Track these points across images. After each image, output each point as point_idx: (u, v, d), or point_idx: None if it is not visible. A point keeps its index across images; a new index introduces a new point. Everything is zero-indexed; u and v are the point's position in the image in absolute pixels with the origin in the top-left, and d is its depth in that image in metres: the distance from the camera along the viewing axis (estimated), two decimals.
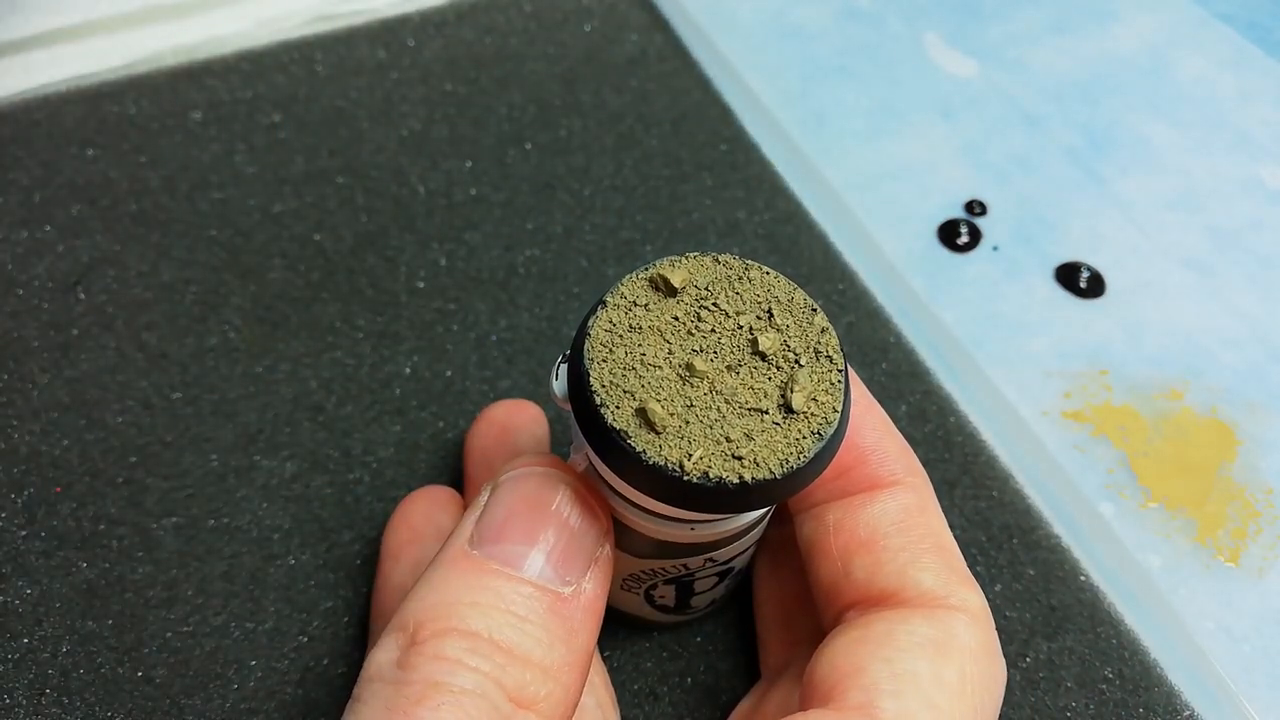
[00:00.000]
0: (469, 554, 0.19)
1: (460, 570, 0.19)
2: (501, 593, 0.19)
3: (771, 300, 0.20)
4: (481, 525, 0.20)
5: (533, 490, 0.20)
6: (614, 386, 0.19)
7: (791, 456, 0.19)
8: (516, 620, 0.18)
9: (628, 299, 0.20)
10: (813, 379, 0.19)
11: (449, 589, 0.19)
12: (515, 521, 0.20)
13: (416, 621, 0.18)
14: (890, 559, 0.22)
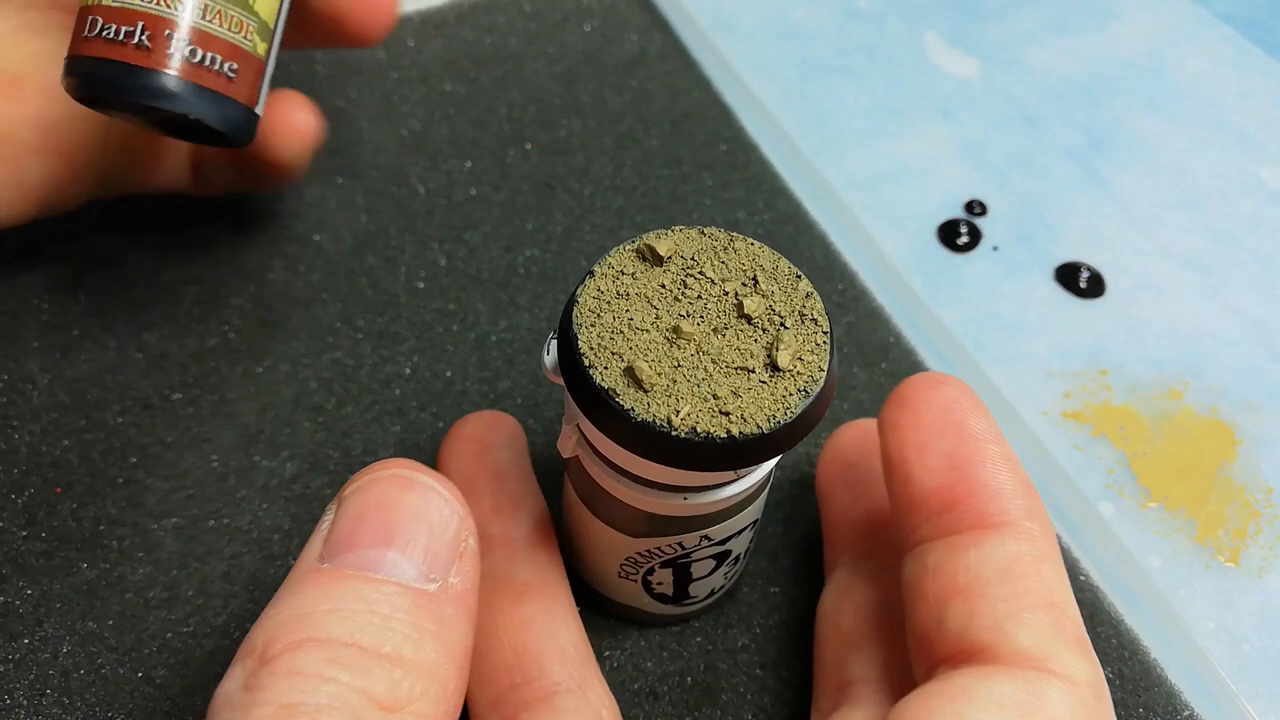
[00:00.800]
0: (319, 568, 0.18)
1: (312, 584, 0.18)
2: (362, 595, 0.17)
3: (756, 268, 0.21)
4: (330, 539, 0.19)
5: (382, 493, 0.19)
6: (602, 349, 0.19)
7: (778, 412, 0.19)
8: (381, 620, 0.17)
9: (615, 268, 0.21)
10: (798, 339, 0.20)
11: (301, 603, 0.17)
12: (367, 526, 0.19)
13: (265, 641, 0.17)
14: (989, 609, 0.19)
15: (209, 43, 0.24)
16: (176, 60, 0.23)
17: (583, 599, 0.28)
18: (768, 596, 0.29)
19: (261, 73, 0.25)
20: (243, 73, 0.25)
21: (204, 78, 0.24)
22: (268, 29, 0.25)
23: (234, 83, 0.24)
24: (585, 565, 0.27)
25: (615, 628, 0.28)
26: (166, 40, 0.23)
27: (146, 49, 0.23)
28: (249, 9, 0.24)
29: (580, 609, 0.28)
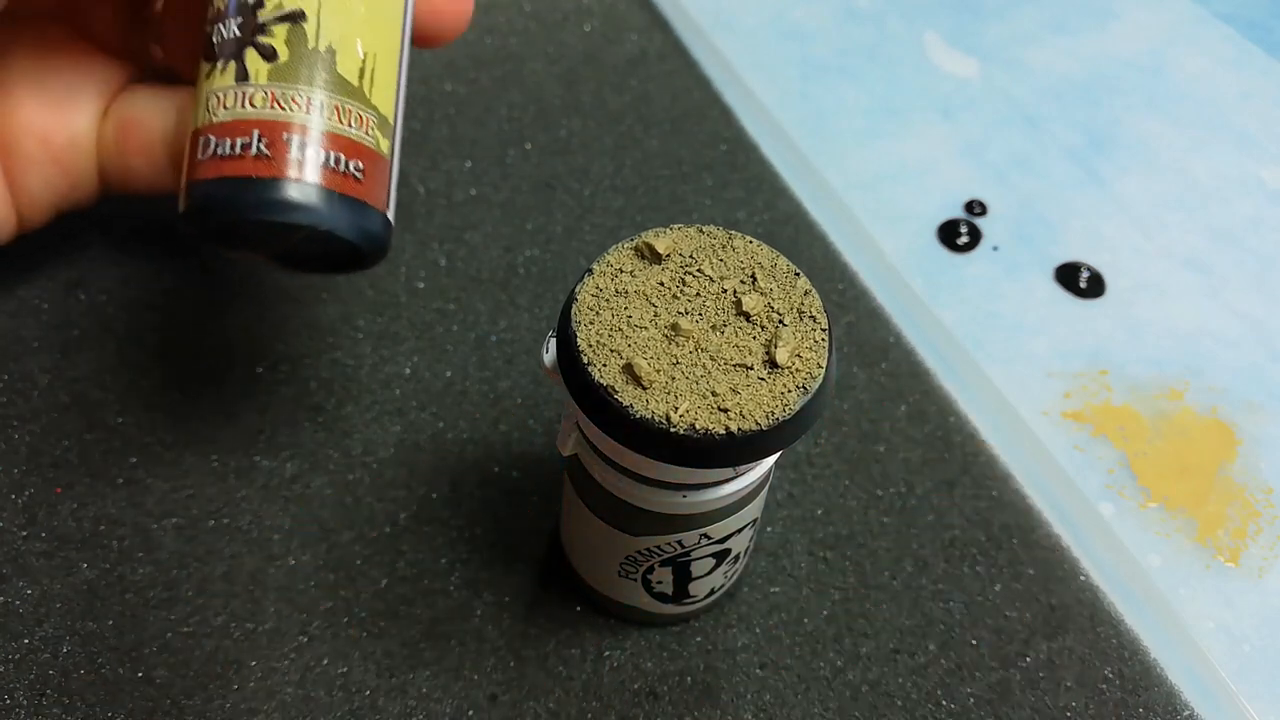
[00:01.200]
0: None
1: None
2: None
3: (755, 266, 0.21)
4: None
5: None
6: (600, 346, 0.20)
7: (777, 409, 0.19)
8: None
9: (614, 266, 0.21)
10: (796, 336, 0.20)
11: None
12: None
13: None
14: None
15: (330, 141, 0.21)
16: (301, 165, 0.21)
17: (583, 598, 0.29)
18: (768, 596, 0.29)
19: (389, 173, 0.23)
20: (370, 172, 0.22)
21: (332, 180, 0.21)
22: (388, 124, 0.22)
23: (363, 184, 0.22)
24: (585, 564, 0.27)
25: (615, 627, 0.28)
26: (286, 144, 0.21)
27: (266, 157, 0.21)
28: (367, 103, 0.22)
29: (580, 608, 0.28)
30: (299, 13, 0.21)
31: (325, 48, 0.21)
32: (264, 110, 0.21)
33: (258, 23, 0.21)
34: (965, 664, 0.28)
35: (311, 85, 0.21)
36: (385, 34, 0.23)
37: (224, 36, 0.22)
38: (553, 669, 0.27)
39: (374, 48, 0.22)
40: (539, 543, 0.29)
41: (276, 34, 0.21)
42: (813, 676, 0.28)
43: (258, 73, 0.21)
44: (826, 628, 0.29)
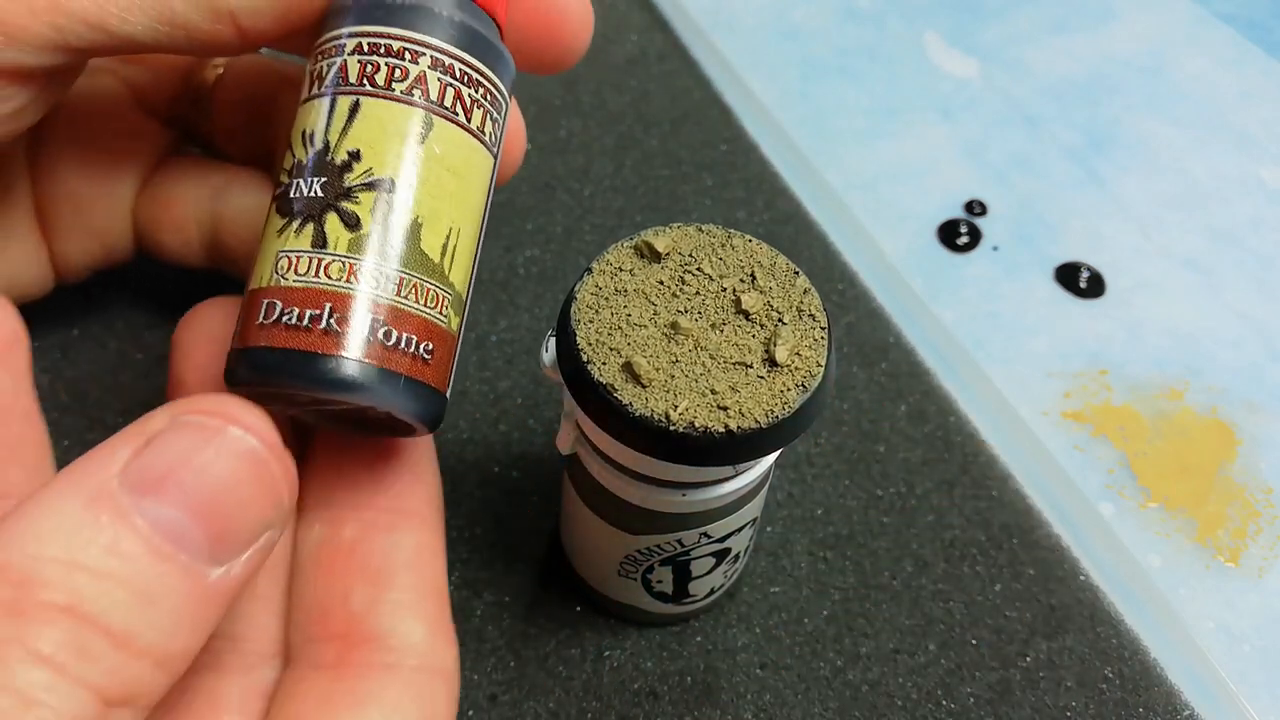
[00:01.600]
0: (116, 497, 0.16)
1: (96, 517, 0.16)
2: (140, 568, 0.16)
3: (754, 265, 0.21)
4: (145, 462, 0.16)
5: (216, 448, 0.17)
6: (600, 344, 0.20)
7: (777, 407, 0.19)
8: (146, 604, 0.16)
9: (613, 265, 0.21)
10: (796, 334, 0.20)
11: (78, 541, 0.15)
12: (184, 481, 0.16)
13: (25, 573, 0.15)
14: (394, 599, 0.21)
15: (403, 321, 0.20)
16: (369, 345, 0.19)
17: (583, 598, 0.28)
18: (768, 596, 0.29)
19: (455, 351, 0.21)
20: (438, 353, 0.20)
21: (399, 363, 0.20)
22: (461, 301, 0.21)
23: (429, 365, 0.20)
24: (585, 564, 0.27)
25: (615, 627, 0.28)
26: (358, 323, 0.19)
27: (335, 333, 0.19)
28: (445, 280, 0.20)
29: (580, 608, 0.28)
30: (389, 181, 0.20)
31: (411, 221, 0.20)
32: (339, 283, 0.19)
33: (343, 187, 0.20)
34: (965, 664, 0.28)
35: (393, 260, 0.20)
36: (471, 207, 0.21)
37: (303, 193, 0.20)
38: (553, 669, 0.27)
39: (459, 222, 0.21)
40: (539, 543, 0.29)
41: (362, 202, 0.20)
42: (813, 676, 0.28)
43: (337, 241, 0.20)
44: (826, 627, 0.29)
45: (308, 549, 0.22)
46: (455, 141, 0.21)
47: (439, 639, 0.22)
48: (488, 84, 0.22)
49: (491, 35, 0.22)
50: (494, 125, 0.22)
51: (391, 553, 0.22)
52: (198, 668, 0.21)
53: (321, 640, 0.21)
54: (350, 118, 0.20)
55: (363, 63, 0.20)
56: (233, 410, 0.17)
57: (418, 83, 0.21)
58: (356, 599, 0.21)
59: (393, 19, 0.21)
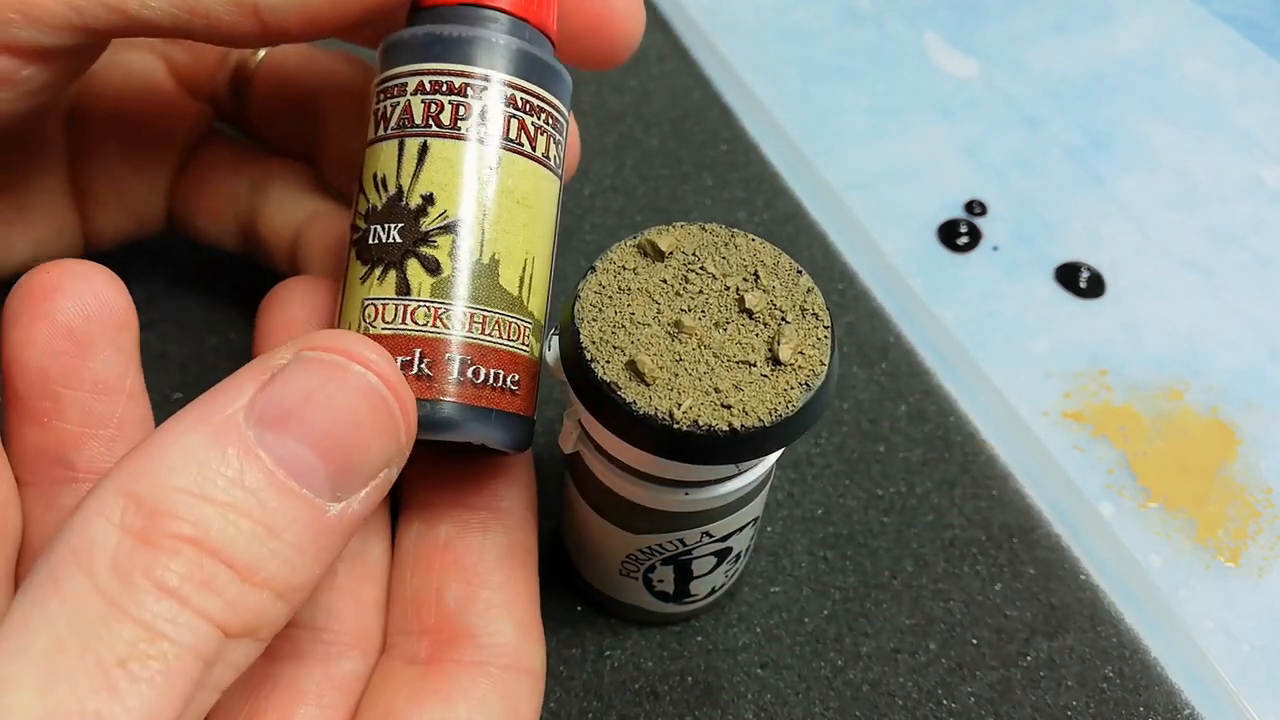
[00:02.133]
0: (242, 431, 0.16)
1: (222, 451, 0.16)
2: (264, 500, 0.16)
3: (758, 264, 0.21)
4: (270, 395, 0.17)
5: (349, 399, 0.17)
6: (604, 343, 0.20)
7: (780, 406, 0.19)
8: (269, 536, 0.16)
9: (617, 264, 0.21)
10: (799, 333, 0.20)
11: (205, 474, 0.16)
12: (307, 416, 0.17)
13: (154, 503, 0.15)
14: (485, 597, 0.22)
15: (489, 358, 0.20)
16: (460, 385, 0.20)
17: (584, 598, 0.28)
18: (768, 596, 0.29)
19: (538, 374, 0.22)
20: (523, 382, 0.21)
21: (489, 398, 0.20)
22: (540, 326, 0.22)
23: (517, 396, 0.21)
24: (586, 563, 0.27)
25: (616, 627, 0.28)
26: (448, 365, 0.20)
27: (427, 377, 0.20)
28: (525, 310, 0.21)
29: (581, 607, 0.28)
30: (465, 222, 0.20)
31: (489, 259, 0.20)
32: (425, 328, 0.20)
33: (421, 232, 0.20)
34: (966, 663, 0.28)
35: (475, 300, 0.20)
36: (543, 235, 0.22)
37: (381, 240, 0.20)
38: (553, 668, 0.27)
39: (533, 251, 0.21)
40: (540, 542, 0.29)
41: (441, 245, 0.20)
42: (813, 676, 0.28)
43: (420, 287, 0.20)
44: (827, 627, 0.29)
45: (405, 546, 0.23)
46: (523, 173, 0.21)
47: (528, 639, 0.22)
48: (549, 108, 0.22)
49: (548, 55, 0.22)
50: (557, 148, 0.22)
51: (485, 551, 0.22)
52: (279, 655, 0.22)
53: (415, 633, 0.22)
54: (420, 160, 0.21)
55: (426, 102, 0.21)
56: (354, 347, 0.17)
57: (482, 119, 0.21)
58: (450, 595, 0.22)
59: (451, 54, 0.21)
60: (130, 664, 0.15)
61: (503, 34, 0.21)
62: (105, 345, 0.20)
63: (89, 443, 0.21)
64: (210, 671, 0.16)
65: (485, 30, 0.21)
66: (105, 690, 0.14)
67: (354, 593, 0.23)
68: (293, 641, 0.22)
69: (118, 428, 0.21)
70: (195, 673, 0.15)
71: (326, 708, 0.21)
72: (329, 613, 0.22)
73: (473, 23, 0.21)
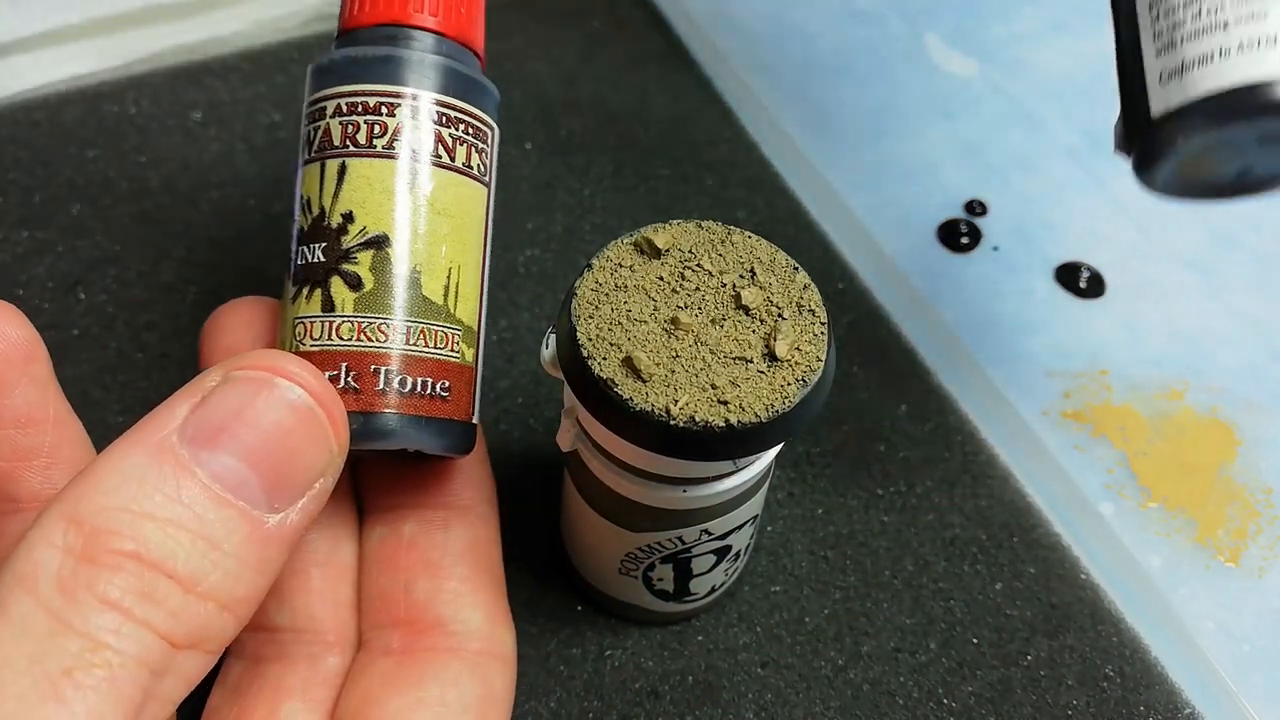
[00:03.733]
0: (176, 450, 0.17)
1: (160, 470, 0.17)
2: (201, 513, 0.17)
3: (754, 261, 0.21)
4: (201, 416, 0.17)
5: (278, 412, 0.18)
6: (600, 340, 0.20)
7: (777, 401, 0.19)
8: (208, 548, 0.17)
9: (613, 261, 0.21)
10: (796, 329, 0.20)
11: (143, 492, 0.16)
12: (238, 432, 0.17)
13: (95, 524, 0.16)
14: (452, 588, 0.23)
15: (416, 367, 0.21)
16: (387, 395, 0.21)
17: (584, 597, 0.28)
18: (769, 596, 0.29)
19: (474, 380, 0.22)
20: (455, 388, 0.22)
21: (419, 406, 0.21)
22: (472, 333, 0.22)
23: (449, 402, 0.21)
24: (586, 562, 0.27)
25: (616, 626, 0.28)
26: (374, 376, 0.20)
27: (355, 390, 0.20)
28: (452, 319, 0.22)
29: (581, 607, 0.28)
30: (383, 237, 0.21)
31: (411, 271, 0.21)
32: (351, 342, 0.21)
33: (342, 249, 0.21)
34: (966, 662, 0.28)
35: (398, 313, 0.21)
36: (469, 243, 0.22)
37: (308, 260, 0.21)
38: (554, 668, 0.27)
39: (458, 260, 0.22)
40: (539, 542, 0.29)
41: (361, 261, 0.21)
42: (814, 675, 0.28)
43: (343, 302, 0.21)
44: (827, 626, 0.29)
45: (371, 547, 0.24)
46: (443, 184, 0.22)
47: (497, 624, 0.23)
48: (469, 119, 0.22)
49: (470, 68, 0.23)
50: (481, 157, 0.23)
51: (448, 546, 0.23)
52: (266, 658, 0.23)
53: (387, 627, 0.23)
54: (339, 181, 0.21)
55: (344, 124, 0.21)
56: (280, 363, 0.18)
57: (397, 135, 0.21)
58: (418, 589, 0.23)
59: (368, 75, 0.21)
60: (75, 673, 0.15)
61: (419, 51, 0.22)
62: (17, 380, 0.20)
63: (24, 475, 0.21)
64: (159, 682, 0.16)
65: (401, 49, 0.22)
66: (53, 700, 0.15)
67: (330, 595, 0.23)
68: (277, 645, 0.23)
69: (50, 456, 0.21)
70: (142, 680, 0.16)
71: (310, 700, 0.22)
72: (308, 615, 0.23)
73: (390, 42, 0.22)
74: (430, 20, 0.22)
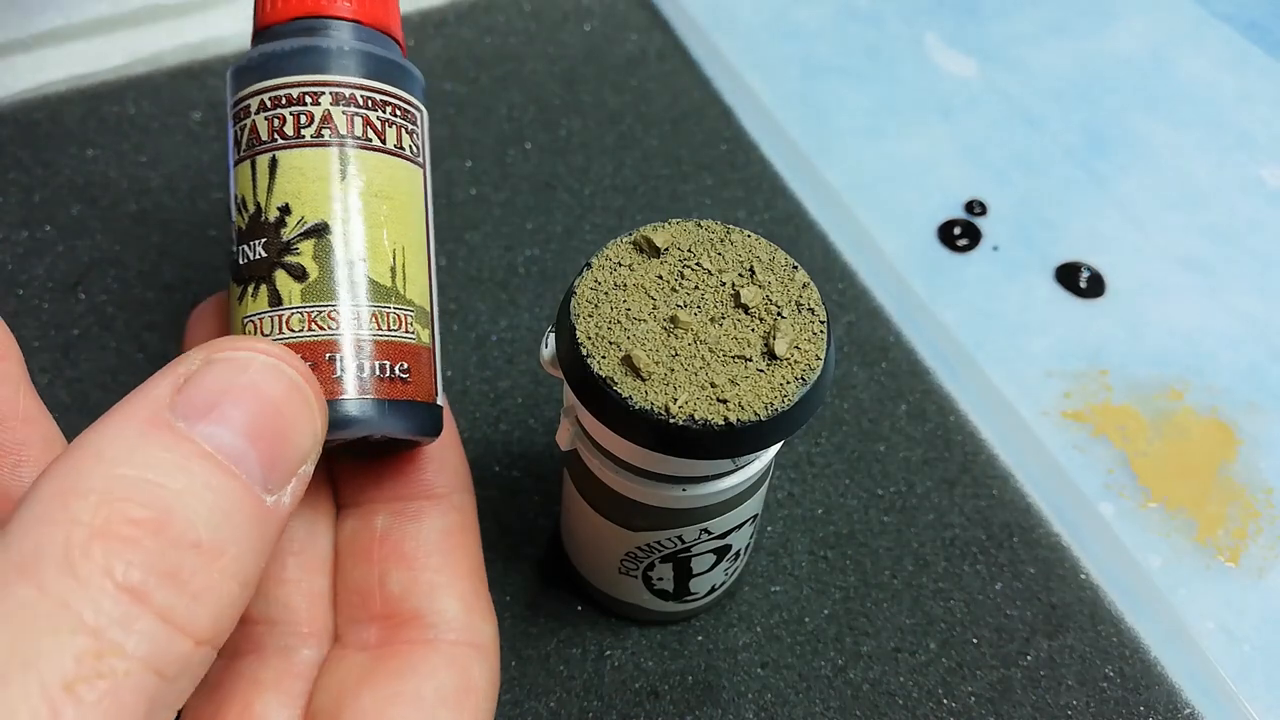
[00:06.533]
0: (172, 424, 0.16)
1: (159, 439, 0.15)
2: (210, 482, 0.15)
3: (753, 259, 0.21)
4: (190, 394, 0.16)
5: (259, 379, 0.17)
6: (600, 338, 0.20)
7: (776, 400, 0.19)
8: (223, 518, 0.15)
9: (612, 260, 0.21)
10: (795, 328, 0.20)
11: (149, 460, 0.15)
12: (233, 406, 0.16)
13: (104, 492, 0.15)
14: (428, 579, 0.22)
15: (372, 351, 0.21)
16: (346, 381, 0.20)
17: (584, 597, 0.28)
18: (769, 596, 0.29)
19: (432, 361, 0.22)
20: (415, 369, 0.21)
21: (380, 389, 0.21)
22: (425, 313, 0.22)
23: (410, 383, 0.21)
24: (586, 562, 0.27)
25: (616, 626, 0.28)
26: (330, 364, 0.20)
27: None
28: (403, 300, 0.21)
29: (581, 607, 0.28)
30: (323, 225, 0.21)
31: (355, 256, 0.21)
32: (302, 333, 0.20)
33: (283, 242, 0.21)
34: (966, 662, 0.28)
35: (346, 298, 0.21)
36: (411, 224, 0.22)
37: (249, 258, 0.21)
38: (554, 668, 0.27)
39: (401, 241, 0.22)
40: (539, 542, 0.29)
41: (304, 251, 0.21)
42: (814, 675, 0.28)
43: (290, 294, 0.20)
44: (827, 626, 0.29)
45: (344, 542, 0.24)
46: (376, 167, 0.22)
47: (475, 614, 0.22)
48: (395, 101, 0.22)
49: (390, 53, 0.23)
50: (412, 138, 0.23)
51: (422, 536, 0.23)
52: (241, 651, 0.22)
53: (363, 622, 0.22)
54: (271, 175, 0.21)
55: (269, 118, 0.21)
56: (262, 345, 0.18)
57: (324, 122, 0.21)
58: (393, 581, 0.22)
59: (288, 67, 0.21)
60: (78, 686, 0.14)
61: (336, 40, 0.22)
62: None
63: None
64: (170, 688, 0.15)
65: (318, 39, 0.22)
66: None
67: (306, 585, 0.23)
68: (252, 638, 0.22)
69: (18, 453, 0.20)
70: (150, 689, 0.14)
71: (284, 694, 0.22)
72: (283, 606, 0.23)
73: (305, 34, 0.22)
74: (346, 8, 0.22)
